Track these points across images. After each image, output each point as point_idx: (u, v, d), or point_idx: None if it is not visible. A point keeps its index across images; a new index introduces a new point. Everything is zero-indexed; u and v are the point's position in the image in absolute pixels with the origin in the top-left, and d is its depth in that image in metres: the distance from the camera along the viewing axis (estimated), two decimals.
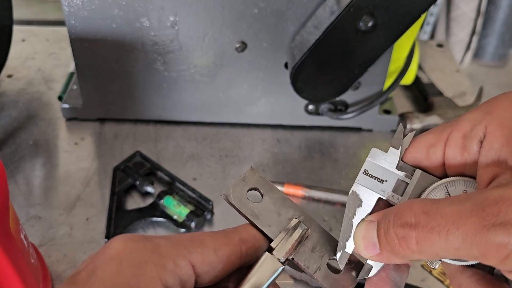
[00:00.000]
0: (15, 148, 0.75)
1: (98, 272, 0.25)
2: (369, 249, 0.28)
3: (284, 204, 0.33)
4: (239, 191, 0.33)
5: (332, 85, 0.68)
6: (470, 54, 1.58)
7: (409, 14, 0.61)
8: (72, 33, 0.70)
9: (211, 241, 0.29)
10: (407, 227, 0.26)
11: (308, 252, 0.32)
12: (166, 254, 0.26)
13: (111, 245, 0.26)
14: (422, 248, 0.25)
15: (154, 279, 0.25)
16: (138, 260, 0.25)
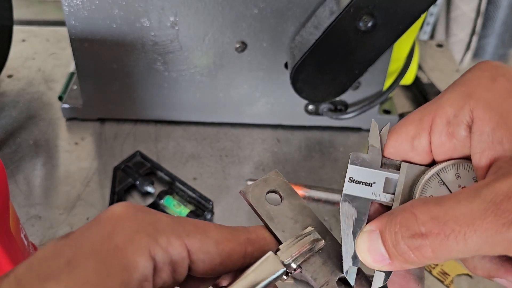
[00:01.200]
0: (15, 148, 0.75)
1: (92, 230, 0.25)
2: (377, 261, 0.27)
3: (302, 212, 0.32)
4: (259, 191, 0.32)
5: (332, 85, 0.68)
6: (470, 54, 1.58)
7: (409, 14, 0.61)
8: (72, 33, 0.70)
9: (215, 233, 0.27)
10: (418, 238, 0.25)
11: (318, 265, 0.30)
12: (162, 229, 0.25)
13: (112, 207, 0.26)
14: (439, 255, 0.24)
15: (143, 249, 0.24)
16: (132, 227, 0.25)
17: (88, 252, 0.24)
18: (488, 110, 0.26)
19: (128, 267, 0.23)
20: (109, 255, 0.23)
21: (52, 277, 0.23)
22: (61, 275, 0.23)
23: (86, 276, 0.23)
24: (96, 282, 0.23)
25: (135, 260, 0.24)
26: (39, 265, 0.24)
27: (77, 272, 0.23)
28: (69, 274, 0.23)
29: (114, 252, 0.24)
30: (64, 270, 0.23)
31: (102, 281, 0.23)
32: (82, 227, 0.26)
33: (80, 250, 0.24)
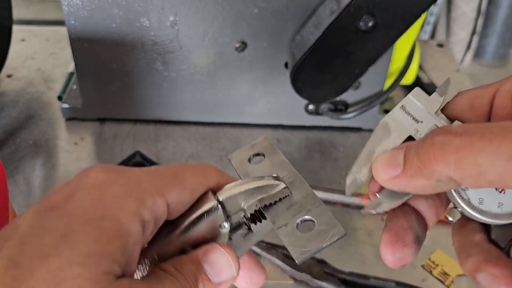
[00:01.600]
0: (15, 148, 0.75)
1: (77, 197, 0.24)
2: (388, 169, 0.25)
3: (281, 166, 0.32)
4: (243, 155, 0.33)
5: (332, 85, 0.68)
6: (470, 54, 1.57)
7: (409, 13, 0.60)
8: (71, 33, 0.70)
9: (191, 180, 0.28)
10: (451, 134, 0.23)
11: (280, 209, 0.30)
12: (146, 190, 0.25)
13: (90, 173, 0.25)
14: (463, 158, 0.22)
15: (134, 214, 0.24)
16: (120, 192, 0.24)
17: (82, 222, 0.23)
18: None
19: (123, 233, 0.23)
20: (104, 223, 0.23)
21: (51, 253, 0.22)
22: (60, 249, 0.22)
23: (86, 246, 0.22)
24: (97, 250, 0.22)
25: (129, 226, 0.24)
26: (31, 242, 0.22)
27: (76, 244, 0.22)
28: (69, 248, 0.22)
29: (108, 220, 0.23)
30: (62, 244, 0.22)
31: (103, 249, 0.23)
32: (63, 192, 0.25)
33: (73, 220, 0.23)
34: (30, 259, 0.22)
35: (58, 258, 0.22)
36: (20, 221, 0.24)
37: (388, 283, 0.57)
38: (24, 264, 0.22)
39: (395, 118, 0.30)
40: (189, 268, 0.27)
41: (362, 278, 0.58)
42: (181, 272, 0.26)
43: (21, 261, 0.22)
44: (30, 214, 0.24)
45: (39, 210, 0.24)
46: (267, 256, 0.59)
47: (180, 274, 0.26)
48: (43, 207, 0.24)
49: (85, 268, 0.22)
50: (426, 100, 0.30)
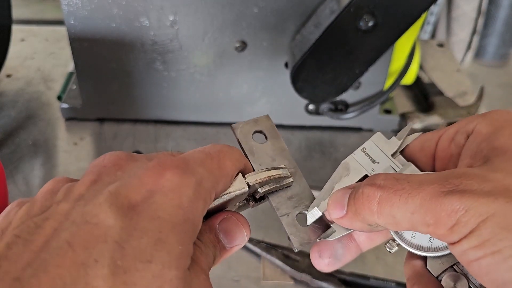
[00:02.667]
0: (14, 148, 0.74)
1: (158, 200, 0.25)
2: (336, 209, 0.30)
3: (282, 154, 0.36)
4: (247, 129, 0.36)
5: (332, 84, 0.68)
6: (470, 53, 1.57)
7: (409, 13, 0.60)
8: (71, 33, 0.70)
9: (231, 168, 0.30)
10: (374, 187, 0.27)
11: (283, 198, 0.33)
12: (207, 189, 0.28)
13: (166, 175, 0.26)
14: (382, 209, 0.27)
15: (203, 213, 0.27)
16: (192, 195, 0.26)
17: (171, 226, 0.25)
18: (488, 125, 0.29)
19: (196, 231, 0.26)
20: (186, 225, 0.25)
21: (151, 257, 0.23)
22: (159, 254, 0.24)
23: (177, 250, 0.24)
24: (184, 252, 0.25)
25: (199, 225, 0.27)
26: (131, 246, 0.23)
27: (171, 249, 0.24)
28: (166, 253, 0.24)
29: (188, 223, 0.26)
30: (160, 249, 0.24)
31: (187, 249, 0.25)
32: (141, 193, 0.25)
33: (162, 224, 0.25)
34: (134, 263, 0.23)
35: (159, 262, 0.23)
36: (106, 220, 0.24)
37: (388, 283, 0.57)
38: (130, 269, 0.23)
39: (356, 159, 0.33)
40: (208, 236, 0.29)
41: (362, 278, 0.57)
42: (201, 240, 0.28)
43: (126, 265, 0.23)
44: (113, 210, 0.24)
45: (123, 210, 0.24)
46: (267, 256, 0.59)
47: (201, 243, 0.28)
48: (125, 206, 0.25)
49: (180, 270, 0.24)
50: (385, 143, 0.33)
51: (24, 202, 0.26)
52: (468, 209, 0.24)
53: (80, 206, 0.24)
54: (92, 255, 0.22)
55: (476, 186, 0.25)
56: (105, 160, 0.28)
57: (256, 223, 0.63)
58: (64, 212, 0.24)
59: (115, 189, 0.25)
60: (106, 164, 0.28)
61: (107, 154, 0.29)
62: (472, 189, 0.24)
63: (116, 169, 0.27)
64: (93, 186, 0.26)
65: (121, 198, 0.25)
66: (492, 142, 0.28)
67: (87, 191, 0.26)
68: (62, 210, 0.24)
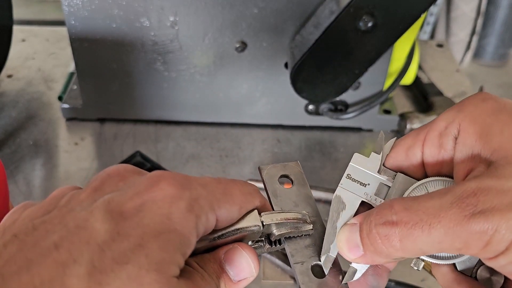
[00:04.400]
0: (15, 148, 0.75)
1: (146, 208, 0.26)
2: (352, 251, 0.29)
3: (306, 200, 0.34)
4: (274, 171, 0.34)
5: (332, 85, 0.68)
6: (470, 54, 1.57)
7: (409, 14, 0.61)
8: (72, 33, 0.70)
9: (239, 197, 0.30)
10: (389, 225, 0.27)
11: (301, 245, 0.32)
12: (203, 206, 0.27)
13: (160, 185, 0.27)
14: (406, 245, 0.26)
15: (194, 228, 0.27)
16: (184, 208, 0.26)
17: (154, 233, 0.25)
18: (473, 123, 0.28)
19: (185, 244, 0.26)
20: (171, 235, 0.26)
21: (129, 260, 0.24)
22: (136, 257, 0.24)
23: (159, 255, 0.25)
24: (167, 258, 0.25)
25: (190, 238, 0.26)
26: (111, 249, 0.24)
27: (150, 253, 0.24)
28: (144, 256, 0.24)
29: (175, 233, 0.26)
30: (138, 253, 0.24)
31: (171, 257, 0.25)
32: (133, 200, 0.26)
33: (145, 231, 0.25)
34: (111, 265, 0.24)
35: (136, 265, 0.24)
36: (94, 223, 0.25)
37: (388, 283, 0.57)
38: (105, 269, 0.23)
39: (345, 189, 0.32)
40: (212, 266, 0.29)
41: None
42: (205, 269, 0.29)
43: (102, 266, 0.23)
44: (103, 216, 0.25)
45: (112, 215, 0.25)
46: (267, 256, 0.59)
47: (204, 271, 0.28)
48: (116, 212, 0.26)
49: (159, 274, 0.24)
50: (367, 161, 0.32)
51: (32, 204, 0.27)
52: (497, 228, 0.24)
53: (76, 211, 0.26)
54: (72, 256, 0.23)
55: (496, 201, 0.24)
56: (111, 170, 0.29)
57: None
58: (60, 216, 0.26)
59: (110, 197, 0.26)
60: (111, 174, 0.29)
61: (115, 165, 0.30)
62: (493, 206, 0.24)
63: (119, 180, 0.28)
64: (93, 194, 0.27)
65: (113, 205, 0.26)
66: (487, 143, 0.27)
67: (87, 198, 0.27)
68: (60, 215, 0.26)
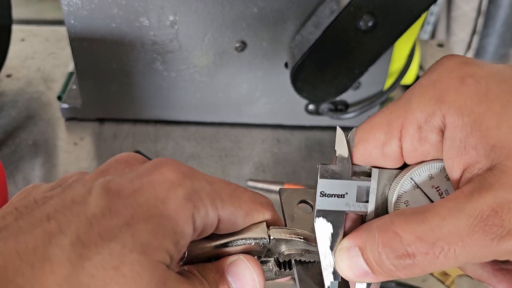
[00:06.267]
0: (14, 148, 0.74)
1: (144, 190, 0.26)
2: (361, 276, 0.27)
3: None
4: (294, 196, 0.33)
5: (332, 84, 0.68)
6: (470, 53, 1.57)
7: (409, 13, 0.60)
8: (71, 33, 0.70)
9: (247, 204, 0.29)
10: (406, 257, 0.25)
11: (311, 272, 0.30)
12: (204, 199, 0.27)
13: (162, 169, 0.27)
14: (429, 270, 0.25)
15: (189, 218, 0.26)
16: (182, 195, 0.26)
17: (146, 215, 0.25)
18: (460, 116, 0.26)
19: (178, 232, 0.25)
20: (164, 220, 0.25)
21: (114, 237, 0.24)
22: (122, 235, 0.24)
23: (145, 237, 0.24)
24: (155, 242, 0.24)
25: (184, 228, 0.26)
26: (99, 224, 0.24)
27: (137, 233, 0.24)
28: (130, 235, 0.24)
29: (168, 218, 0.25)
30: (124, 231, 0.24)
31: (160, 242, 0.24)
32: (132, 182, 0.26)
33: (137, 212, 0.25)
34: (95, 239, 0.23)
35: (120, 243, 0.24)
36: (88, 199, 0.25)
37: (388, 284, 0.57)
38: (89, 243, 0.23)
39: (324, 208, 0.29)
40: (213, 276, 0.28)
41: None
42: (206, 279, 0.28)
43: (87, 240, 0.23)
44: (99, 193, 0.25)
45: (108, 192, 0.25)
46: None
47: (205, 280, 0.28)
48: (113, 191, 0.25)
49: (143, 256, 0.24)
50: (335, 169, 0.29)
51: (41, 184, 0.28)
52: None
53: (76, 188, 0.26)
54: (60, 227, 0.24)
55: None
56: (120, 157, 0.29)
57: None
58: (60, 192, 0.26)
59: (111, 178, 0.26)
60: (118, 160, 0.29)
61: (126, 153, 0.30)
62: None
63: (125, 166, 0.28)
64: (97, 176, 0.27)
65: (112, 184, 0.26)
66: (483, 138, 0.25)
67: (91, 179, 0.27)
68: (60, 191, 0.26)
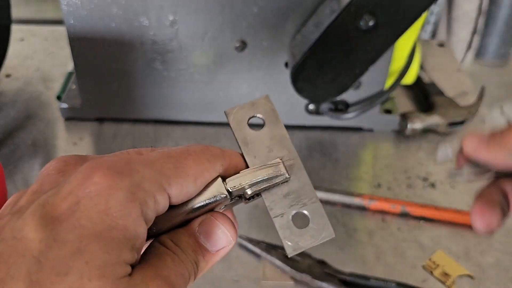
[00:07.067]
0: (14, 148, 0.74)
1: (83, 207, 0.24)
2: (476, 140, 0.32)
3: (281, 142, 0.31)
4: (242, 114, 0.31)
5: (332, 84, 0.67)
6: (471, 53, 1.57)
7: (410, 13, 0.60)
8: (70, 33, 0.70)
9: (194, 168, 0.27)
10: None
11: (278, 195, 0.30)
12: (148, 190, 0.25)
13: (94, 179, 0.25)
14: None
15: (139, 218, 0.25)
16: (124, 198, 0.24)
17: (93, 234, 0.23)
18: None
19: (131, 238, 0.24)
20: (113, 233, 0.24)
21: (68, 269, 0.22)
22: (76, 265, 0.22)
23: (100, 258, 0.23)
24: (111, 259, 0.23)
25: (136, 231, 0.24)
26: (47, 259, 0.22)
27: (90, 258, 0.23)
28: (85, 263, 0.22)
29: (116, 230, 0.24)
30: (77, 259, 0.22)
31: (116, 257, 0.23)
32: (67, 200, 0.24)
33: (83, 233, 0.23)
34: (49, 277, 0.22)
35: (76, 274, 0.22)
36: (27, 233, 0.23)
37: (388, 284, 0.57)
38: (44, 283, 0.22)
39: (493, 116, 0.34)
40: (186, 241, 0.28)
41: (362, 279, 0.57)
42: (179, 245, 0.27)
43: (41, 279, 0.22)
44: (37, 223, 0.23)
45: (46, 220, 0.23)
46: (267, 257, 0.59)
47: (179, 249, 0.27)
48: (51, 216, 0.24)
49: (103, 280, 0.22)
50: None
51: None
52: None
53: (13, 220, 0.24)
54: (9, 271, 0.22)
55: None
56: (50, 167, 0.28)
57: (256, 223, 0.63)
58: (1, 229, 0.24)
59: (44, 199, 0.25)
60: (49, 171, 0.27)
61: (54, 160, 0.28)
62: None
63: (59, 175, 0.27)
64: (32, 197, 0.26)
65: (47, 208, 0.24)
66: None
67: (26, 202, 0.25)
68: (1, 228, 0.24)
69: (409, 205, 0.65)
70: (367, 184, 0.70)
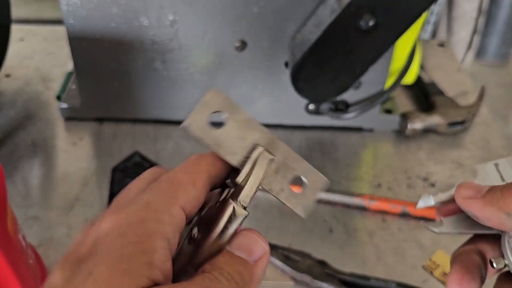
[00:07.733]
0: (13, 148, 0.74)
1: (100, 246, 0.25)
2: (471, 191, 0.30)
3: (248, 126, 0.31)
4: (200, 118, 0.30)
5: (333, 84, 0.67)
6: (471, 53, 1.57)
7: (410, 13, 0.60)
8: (70, 32, 0.70)
9: (187, 176, 0.29)
10: None
11: (271, 175, 0.31)
12: (159, 208, 0.26)
13: (104, 219, 0.26)
14: None
15: (159, 239, 0.25)
16: (137, 224, 0.25)
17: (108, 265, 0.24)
18: None
19: (150, 251, 0.25)
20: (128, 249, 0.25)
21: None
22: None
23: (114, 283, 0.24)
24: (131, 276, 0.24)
25: (152, 244, 0.25)
26: None
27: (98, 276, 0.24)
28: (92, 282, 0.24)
29: (135, 249, 0.25)
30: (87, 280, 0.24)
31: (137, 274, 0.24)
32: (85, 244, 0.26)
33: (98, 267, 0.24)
34: None
35: None
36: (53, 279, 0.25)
37: (388, 284, 0.57)
38: None
39: (486, 171, 0.33)
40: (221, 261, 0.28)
41: (362, 279, 0.57)
42: (214, 265, 0.28)
43: None
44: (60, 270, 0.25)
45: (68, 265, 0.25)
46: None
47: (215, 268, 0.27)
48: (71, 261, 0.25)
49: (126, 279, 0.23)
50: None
51: None
52: None
53: None
54: None
55: None
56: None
57: (256, 223, 0.63)
58: None
59: (72, 246, 0.26)
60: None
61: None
62: None
63: None
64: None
65: (72, 254, 0.25)
66: None
67: None
68: None
69: (409, 205, 0.65)
70: (367, 184, 0.70)
